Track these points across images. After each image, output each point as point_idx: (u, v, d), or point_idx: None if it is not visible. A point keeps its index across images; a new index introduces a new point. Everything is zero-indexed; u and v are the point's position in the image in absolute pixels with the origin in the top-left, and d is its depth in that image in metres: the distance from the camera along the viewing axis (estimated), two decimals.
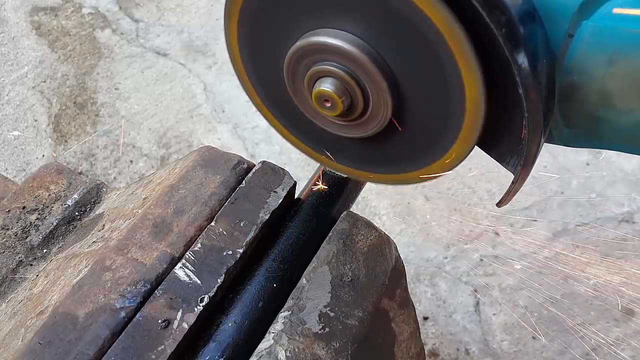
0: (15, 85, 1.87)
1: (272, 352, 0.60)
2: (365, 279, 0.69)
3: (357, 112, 0.63)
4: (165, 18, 2.08)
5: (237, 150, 1.67)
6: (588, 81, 0.52)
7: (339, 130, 0.68)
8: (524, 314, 1.32)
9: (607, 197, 1.52)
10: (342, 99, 0.61)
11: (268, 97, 0.74)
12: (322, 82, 0.61)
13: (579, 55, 0.51)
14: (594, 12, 0.49)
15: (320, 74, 0.61)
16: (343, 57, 0.59)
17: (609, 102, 0.53)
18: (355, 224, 0.73)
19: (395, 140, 0.67)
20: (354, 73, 0.60)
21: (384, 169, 0.72)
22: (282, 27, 0.63)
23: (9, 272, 0.76)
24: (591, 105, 0.54)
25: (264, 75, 0.71)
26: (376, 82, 0.59)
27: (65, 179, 0.85)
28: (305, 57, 0.62)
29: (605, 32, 0.48)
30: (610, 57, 0.49)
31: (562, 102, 0.55)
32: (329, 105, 0.62)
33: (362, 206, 1.54)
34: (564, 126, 0.58)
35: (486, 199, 1.52)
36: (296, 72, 0.64)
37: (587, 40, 0.50)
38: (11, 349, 0.62)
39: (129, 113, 1.80)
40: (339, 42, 0.58)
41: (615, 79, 0.51)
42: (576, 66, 0.52)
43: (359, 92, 0.61)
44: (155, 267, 0.64)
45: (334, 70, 0.60)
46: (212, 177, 0.74)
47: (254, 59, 0.70)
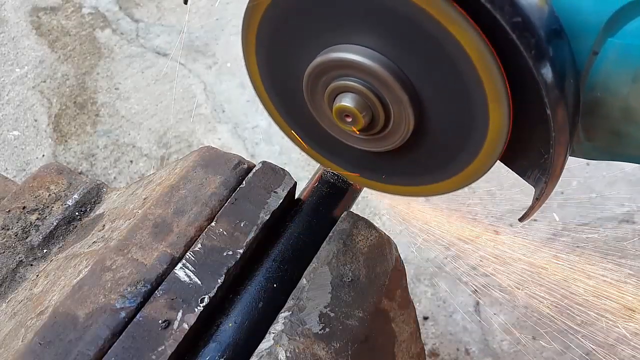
0: (15, 85, 1.87)
1: (273, 353, 0.60)
2: (366, 280, 0.69)
3: (378, 126, 0.63)
4: (165, 18, 2.08)
5: (237, 150, 1.67)
6: (611, 98, 0.52)
7: (364, 145, 0.68)
8: (524, 314, 1.32)
9: (607, 197, 1.52)
10: (363, 114, 0.61)
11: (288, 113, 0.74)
12: (343, 98, 0.61)
13: (603, 72, 0.51)
14: (620, 29, 0.48)
15: (341, 90, 0.61)
16: (363, 73, 0.58)
17: (632, 118, 0.53)
18: (355, 224, 0.73)
19: (416, 154, 0.66)
20: (375, 88, 0.59)
21: (404, 182, 0.71)
22: (300, 43, 0.62)
23: (9, 272, 0.76)
24: (614, 121, 0.54)
25: (284, 92, 0.71)
26: (397, 97, 0.58)
27: (65, 179, 0.85)
28: (325, 73, 0.61)
29: (630, 50, 0.48)
30: (635, 75, 0.49)
31: (585, 117, 0.55)
32: (350, 120, 0.62)
33: (362, 206, 1.54)
34: (586, 140, 0.58)
35: (486, 199, 1.52)
36: (316, 88, 0.64)
37: (611, 58, 0.50)
38: (11, 349, 0.62)
39: (129, 113, 1.80)
40: (360, 58, 0.57)
41: (639, 96, 0.51)
42: (600, 83, 0.52)
43: (380, 106, 0.60)
44: (155, 267, 0.64)
45: (354, 85, 0.59)
46: (212, 177, 0.74)
47: (273, 78, 0.70)
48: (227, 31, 2.01)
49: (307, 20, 0.60)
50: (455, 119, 0.59)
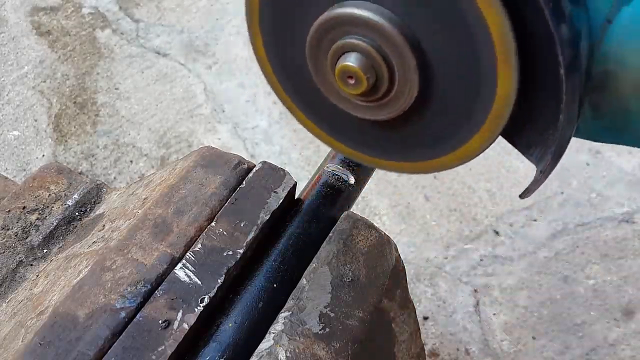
0: (15, 85, 1.87)
1: (273, 353, 0.60)
2: (366, 280, 0.69)
3: (381, 91, 0.59)
4: (165, 18, 2.08)
5: (237, 151, 1.67)
6: (623, 70, 0.50)
7: (359, 112, 0.64)
8: (524, 314, 1.32)
9: (607, 197, 1.52)
10: (367, 75, 0.57)
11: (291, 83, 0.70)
12: (347, 57, 0.57)
13: (616, 43, 0.49)
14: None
15: (345, 49, 0.57)
16: (371, 30, 0.55)
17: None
18: (355, 224, 0.73)
19: (417, 124, 0.62)
20: (381, 48, 0.56)
21: (403, 157, 0.68)
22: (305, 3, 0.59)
23: (9, 272, 0.76)
24: (624, 97, 0.52)
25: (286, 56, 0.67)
26: (404, 59, 0.55)
27: (65, 179, 0.85)
28: (330, 31, 0.58)
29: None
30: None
31: (594, 92, 0.53)
32: (353, 82, 0.58)
33: (362, 206, 1.54)
34: (592, 118, 0.56)
35: (486, 198, 1.52)
36: (319, 48, 0.60)
37: (625, 28, 0.48)
38: (11, 349, 0.62)
39: (129, 113, 1.80)
40: (366, 13, 0.54)
41: None
42: (612, 54, 0.49)
43: (385, 68, 0.57)
44: (155, 267, 0.64)
45: (360, 44, 0.56)
46: (212, 177, 0.74)
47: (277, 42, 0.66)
48: (227, 31, 2.01)
49: None
50: (462, 84, 0.56)
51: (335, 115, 0.68)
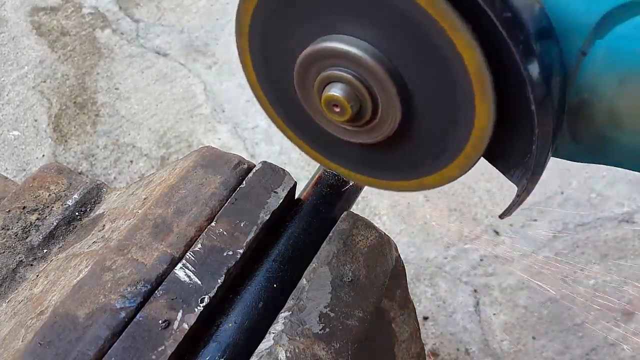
0: (15, 85, 1.87)
1: (273, 353, 0.60)
2: (366, 280, 0.69)
3: (366, 117, 0.64)
4: (165, 18, 2.08)
5: (237, 150, 1.67)
6: (598, 100, 0.53)
7: (346, 135, 0.68)
8: (524, 314, 1.32)
9: (607, 197, 1.52)
10: (351, 104, 0.61)
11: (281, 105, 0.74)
12: (332, 87, 0.61)
13: (591, 73, 0.51)
14: (608, 31, 0.49)
15: (330, 79, 0.62)
16: (352, 63, 0.59)
17: (618, 121, 0.53)
18: (355, 224, 0.73)
19: (403, 148, 0.67)
20: (363, 78, 0.60)
21: (390, 176, 0.72)
22: (293, 33, 0.63)
23: (9, 272, 0.76)
24: (599, 124, 0.54)
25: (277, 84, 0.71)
26: (386, 88, 0.59)
27: (65, 179, 0.85)
28: (315, 63, 0.62)
29: (619, 52, 0.49)
30: (621, 78, 0.50)
31: (571, 118, 0.55)
32: (338, 110, 0.63)
33: (362, 206, 1.54)
34: (571, 141, 0.59)
35: (486, 199, 1.52)
36: (306, 78, 0.64)
37: (599, 59, 0.50)
38: (11, 349, 0.62)
39: (129, 113, 1.80)
40: (349, 48, 0.58)
41: (625, 99, 0.51)
42: (587, 84, 0.52)
43: (368, 97, 0.61)
44: (155, 267, 0.64)
45: (343, 75, 0.60)
46: (212, 177, 0.74)
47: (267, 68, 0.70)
48: (227, 31, 2.01)
49: (301, 9, 0.61)
50: (442, 113, 0.60)
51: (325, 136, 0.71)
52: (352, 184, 0.82)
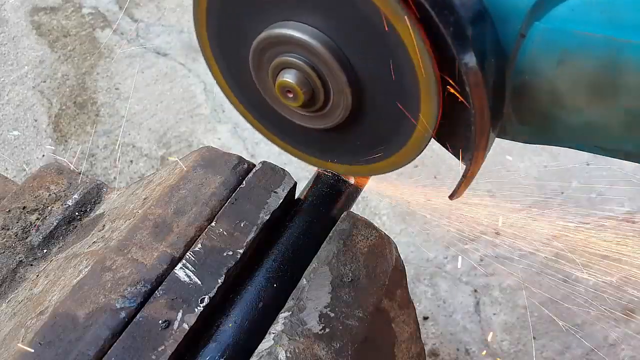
0: (15, 85, 1.87)
1: (273, 353, 0.60)
2: (366, 280, 0.69)
3: (318, 103, 0.64)
4: (165, 18, 2.08)
5: (237, 150, 1.67)
6: (539, 80, 0.54)
7: (304, 121, 0.70)
8: (524, 314, 1.32)
9: (607, 197, 1.52)
10: (303, 90, 0.63)
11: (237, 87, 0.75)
12: (285, 73, 0.63)
13: (530, 55, 0.52)
14: (546, 13, 0.50)
15: (283, 65, 0.63)
16: (304, 50, 0.60)
17: (559, 101, 0.54)
18: (355, 224, 0.73)
19: (356, 132, 0.68)
20: (315, 65, 0.61)
21: (346, 160, 0.73)
22: (248, 18, 0.64)
23: (9, 272, 0.76)
24: (542, 104, 0.56)
25: (233, 66, 0.73)
26: (336, 75, 0.60)
27: (65, 179, 0.85)
28: (269, 49, 0.63)
29: (556, 34, 0.50)
30: (560, 58, 0.51)
31: (515, 100, 0.57)
32: (291, 96, 0.64)
33: (362, 206, 1.54)
34: (518, 123, 0.60)
35: (486, 199, 1.52)
36: (261, 63, 0.66)
37: (538, 41, 0.51)
38: (11, 349, 0.62)
39: (129, 113, 1.80)
40: (301, 35, 0.59)
41: (565, 79, 0.52)
42: (527, 66, 0.53)
43: (320, 83, 0.62)
44: (155, 267, 0.64)
45: (295, 62, 0.61)
46: (212, 177, 0.74)
47: (222, 49, 0.72)
48: None
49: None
50: (391, 98, 0.61)
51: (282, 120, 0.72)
52: (352, 185, 0.82)
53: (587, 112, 0.54)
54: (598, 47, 0.48)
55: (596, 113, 0.54)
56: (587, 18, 0.48)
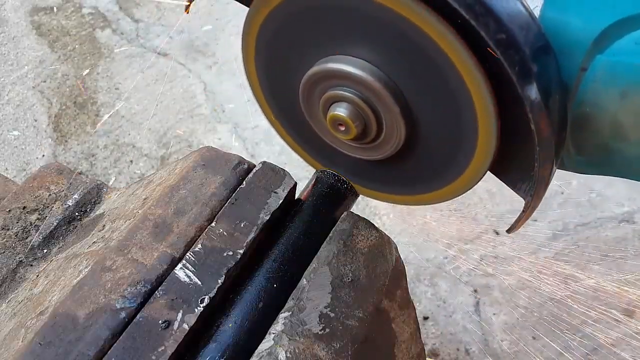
0: (15, 85, 1.87)
1: (273, 353, 0.60)
2: (366, 280, 0.69)
3: (370, 135, 0.64)
4: (165, 18, 2.08)
5: (237, 151, 1.67)
6: (600, 113, 0.53)
7: (356, 152, 0.69)
8: (524, 314, 1.32)
9: (607, 197, 1.52)
10: (356, 123, 0.62)
11: (287, 121, 0.75)
12: (337, 107, 0.62)
13: (592, 88, 0.51)
14: (608, 46, 0.49)
15: (335, 99, 0.62)
16: (356, 83, 0.60)
17: (621, 134, 0.53)
18: (355, 224, 0.73)
19: (408, 164, 0.67)
20: (367, 98, 0.60)
21: (398, 190, 0.72)
22: (298, 53, 0.64)
23: (9, 272, 0.76)
24: (603, 137, 0.55)
25: (282, 100, 0.72)
26: (389, 107, 0.60)
27: (65, 179, 0.85)
28: (320, 83, 0.62)
29: (619, 67, 0.49)
30: (622, 91, 0.50)
31: (575, 132, 0.56)
32: (343, 129, 0.63)
33: (362, 206, 1.54)
34: (576, 154, 0.59)
35: (486, 199, 1.52)
36: (312, 97, 0.65)
37: (600, 74, 0.50)
38: (11, 349, 0.62)
39: (129, 113, 1.80)
40: (352, 69, 0.59)
41: (627, 112, 0.51)
42: (589, 99, 0.52)
43: (373, 116, 0.61)
44: (155, 267, 0.64)
45: (347, 95, 0.60)
46: (212, 177, 0.74)
47: (271, 85, 0.71)
48: (227, 31, 2.01)
49: (305, 29, 0.61)
50: (446, 131, 0.60)
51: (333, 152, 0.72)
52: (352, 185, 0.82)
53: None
54: None
55: None
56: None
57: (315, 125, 0.70)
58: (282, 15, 0.61)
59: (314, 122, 0.69)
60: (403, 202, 0.74)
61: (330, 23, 0.58)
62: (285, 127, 0.76)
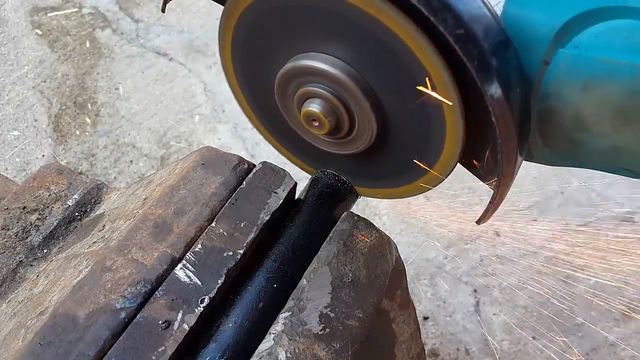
0: (15, 85, 1.87)
1: (273, 353, 0.60)
2: (366, 280, 0.69)
3: (343, 131, 0.65)
4: (165, 18, 2.08)
5: (237, 150, 1.67)
6: (563, 106, 0.54)
7: (330, 147, 0.71)
8: (524, 314, 1.32)
9: (607, 197, 1.52)
10: (329, 118, 0.64)
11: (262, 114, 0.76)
12: (310, 103, 0.64)
13: (555, 81, 0.53)
14: (569, 40, 0.50)
15: (308, 95, 0.63)
16: (328, 80, 0.61)
17: (584, 126, 0.55)
18: (355, 224, 0.73)
19: (382, 157, 0.69)
20: (340, 95, 0.61)
21: (373, 184, 0.74)
22: (272, 49, 0.65)
23: (9, 272, 0.76)
24: (567, 129, 0.56)
25: (257, 93, 0.74)
26: (360, 103, 0.61)
27: (65, 179, 0.85)
28: (294, 79, 0.64)
29: (579, 60, 0.50)
30: (584, 84, 0.51)
31: (541, 124, 0.57)
32: (317, 124, 0.65)
33: (362, 206, 1.54)
34: (543, 146, 0.60)
35: (486, 199, 1.52)
36: (286, 92, 0.66)
37: (562, 68, 0.51)
38: (11, 349, 0.62)
39: (129, 113, 1.80)
40: (325, 66, 0.60)
41: (589, 105, 0.53)
42: (552, 92, 0.53)
43: (345, 112, 0.63)
44: (155, 267, 0.64)
45: (320, 91, 0.62)
46: (212, 177, 0.74)
47: (247, 78, 0.73)
48: None
49: (278, 27, 0.63)
50: (416, 125, 0.62)
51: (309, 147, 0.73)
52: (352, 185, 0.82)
53: (613, 137, 0.54)
54: (622, 73, 0.48)
55: (622, 137, 0.54)
56: (611, 45, 0.48)
57: (292, 122, 0.71)
58: (256, 13, 0.63)
59: (291, 119, 0.71)
60: (378, 195, 0.76)
61: (302, 21, 0.60)
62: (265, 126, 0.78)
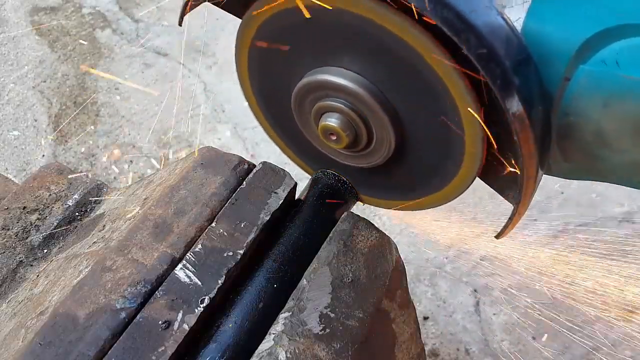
0: (15, 85, 1.87)
1: (273, 353, 0.60)
2: (366, 280, 0.69)
3: (361, 144, 0.65)
4: (165, 18, 2.08)
5: (237, 151, 1.67)
6: (584, 122, 0.54)
7: (348, 160, 0.70)
8: (524, 314, 1.32)
9: (607, 197, 1.51)
10: (347, 132, 0.63)
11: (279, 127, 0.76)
12: (328, 117, 0.63)
13: (575, 97, 0.52)
14: (590, 57, 0.50)
15: (326, 110, 0.63)
16: (346, 94, 0.61)
17: (604, 142, 0.54)
18: (356, 224, 0.73)
19: (400, 171, 0.68)
20: (357, 109, 0.61)
21: (390, 196, 0.74)
22: (290, 63, 0.65)
23: (10, 272, 0.76)
24: (587, 144, 0.56)
25: (274, 107, 0.73)
26: (378, 117, 0.61)
27: (65, 179, 0.85)
28: (311, 93, 0.63)
29: (601, 77, 0.50)
30: (605, 101, 0.51)
31: (561, 140, 0.57)
32: (335, 138, 0.64)
33: (362, 206, 1.54)
34: (563, 161, 0.60)
35: (486, 198, 1.52)
36: (303, 107, 0.66)
37: (583, 84, 0.51)
38: (11, 349, 0.62)
39: (129, 113, 1.80)
40: (342, 81, 0.60)
41: (610, 121, 0.52)
42: (573, 108, 0.53)
43: (363, 126, 0.62)
44: (155, 267, 0.64)
45: (337, 106, 0.61)
46: (212, 177, 0.74)
47: (264, 93, 0.72)
48: (227, 31, 2.01)
49: (295, 43, 0.62)
50: (435, 139, 0.62)
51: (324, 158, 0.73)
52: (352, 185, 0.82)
53: (633, 152, 0.54)
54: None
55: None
56: (633, 61, 0.48)
57: (308, 135, 0.71)
58: (272, 29, 0.63)
59: (307, 132, 0.70)
60: (395, 207, 0.76)
61: (318, 36, 0.60)
62: (281, 137, 0.78)
